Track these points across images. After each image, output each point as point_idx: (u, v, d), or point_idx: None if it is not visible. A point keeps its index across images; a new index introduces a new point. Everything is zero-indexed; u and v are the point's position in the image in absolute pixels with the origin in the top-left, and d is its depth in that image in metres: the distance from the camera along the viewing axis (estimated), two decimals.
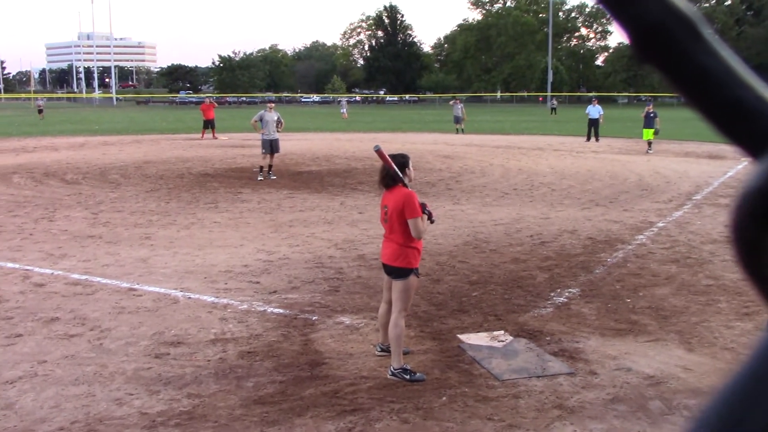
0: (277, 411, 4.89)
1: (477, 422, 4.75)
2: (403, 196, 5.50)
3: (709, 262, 9.19)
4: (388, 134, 36.11)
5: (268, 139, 17.64)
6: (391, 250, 5.60)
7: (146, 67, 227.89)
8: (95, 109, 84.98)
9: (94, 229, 11.44)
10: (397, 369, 5.47)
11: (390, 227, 5.60)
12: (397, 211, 5.50)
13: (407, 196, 5.49)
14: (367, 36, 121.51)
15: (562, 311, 7.21)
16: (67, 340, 6.30)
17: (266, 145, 17.70)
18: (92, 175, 18.75)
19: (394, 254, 5.56)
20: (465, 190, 15.90)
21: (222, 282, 8.25)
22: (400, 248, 5.53)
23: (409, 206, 5.45)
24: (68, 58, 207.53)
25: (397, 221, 5.52)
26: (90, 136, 34.25)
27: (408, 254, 5.53)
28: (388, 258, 5.61)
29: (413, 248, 5.55)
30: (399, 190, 5.57)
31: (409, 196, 5.49)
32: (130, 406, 4.98)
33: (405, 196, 5.50)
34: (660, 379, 5.46)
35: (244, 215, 12.77)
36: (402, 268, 5.53)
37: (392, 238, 5.59)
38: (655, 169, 19.99)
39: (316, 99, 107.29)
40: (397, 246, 5.55)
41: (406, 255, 5.52)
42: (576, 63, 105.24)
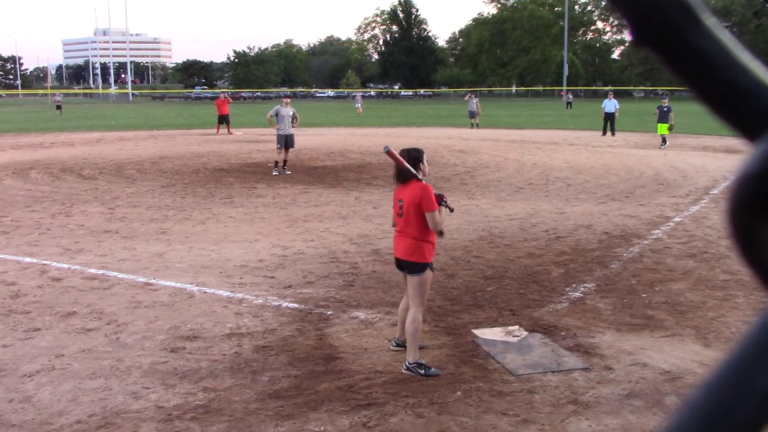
0: (292, 405, 4.91)
1: (492, 417, 4.74)
2: (419, 189, 5.48)
3: (726, 257, 9.12)
4: (402, 129, 36.09)
5: (283, 134, 17.76)
6: (406, 244, 5.57)
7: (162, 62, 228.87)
8: (111, 104, 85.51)
9: (110, 224, 11.51)
10: (412, 363, 5.47)
11: (405, 221, 5.57)
12: (414, 204, 5.48)
13: (424, 190, 5.47)
14: (382, 30, 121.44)
15: (578, 306, 7.18)
16: (84, 334, 6.35)
17: (281, 141, 17.82)
18: (108, 170, 18.87)
19: (409, 249, 5.54)
20: (480, 185, 15.86)
21: (237, 277, 8.28)
22: (415, 243, 5.51)
23: (426, 200, 5.44)
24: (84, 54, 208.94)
25: (414, 215, 5.49)
26: (106, 132, 34.47)
27: (423, 249, 5.51)
28: (403, 253, 5.59)
29: (428, 242, 5.54)
30: (415, 183, 5.55)
31: (426, 190, 5.47)
32: (147, 400, 5.02)
33: (422, 189, 5.47)
34: (676, 375, 5.43)
35: (259, 210, 12.81)
36: (417, 263, 5.52)
37: (407, 232, 5.56)
38: (672, 163, 19.85)
39: (330, 94, 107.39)
40: (412, 241, 5.52)
41: (421, 249, 5.50)
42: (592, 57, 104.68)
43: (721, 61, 0.34)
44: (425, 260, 5.53)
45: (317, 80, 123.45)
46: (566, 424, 4.64)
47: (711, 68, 0.33)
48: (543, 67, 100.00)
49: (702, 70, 0.33)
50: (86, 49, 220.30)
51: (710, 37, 0.34)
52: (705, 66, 0.33)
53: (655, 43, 0.33)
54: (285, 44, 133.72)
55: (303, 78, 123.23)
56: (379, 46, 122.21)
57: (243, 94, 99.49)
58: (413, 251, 5.51)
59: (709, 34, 0.34)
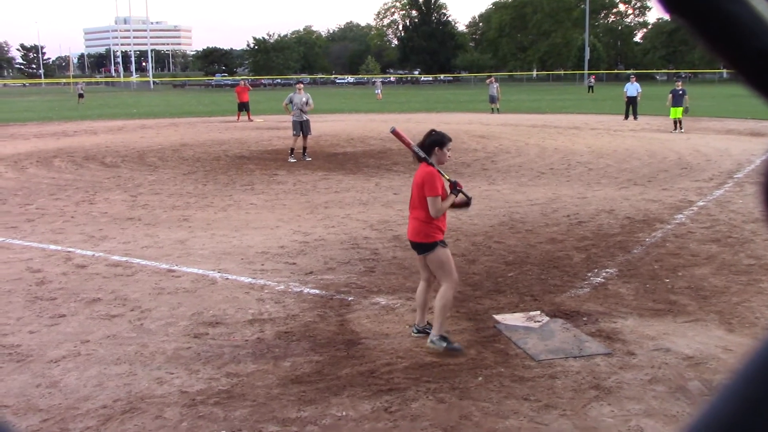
0: (314, 390, 4.94)
1: (513, 402, 4.74)
2: (424, 172, 5.54)
3: (750, 242, 9.02)
4: (422, 114, 35.97)
5: (297, 120, 17.86)
6: (412, 226, 5.67)
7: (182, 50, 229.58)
8: (133, 92, 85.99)
9: (133, 211, 11.61)
10: (436, 336, 5.50)
11: (412, 203, 5.68)
12: (418, 186, 5.55)
13: (428, 174, 5.50)
14: (401, 16, 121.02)
15: (600, 291, 7.15)
16: (108, 321, 6.42)
17: (296, 127, 17.94)
18: (131, 158, 19.01)
19: (415, 230, 5.62)
20: (500, 170, 15.79)
21: (259, 263, 8.33)
22: (420, 224, 5.56)
23: (428, 183, 5.46)
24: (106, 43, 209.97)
25: (417, 197, 5.57)
26: (128, 120, 34.70)
27: (429, 230, 5.54)
28: (411, 234, 5.69)
29: (433, 224, 5.55)
30: (424, 166, 5.59)
31: (430, 174, 5.49)
32: (171, 385, 5.07)
33: (426, 173, 5.52)
34: (699, 360, 5.40)
35: (280, 197, 12.85)
36: (423, 243, 5.56)
37: (413, 213, 5.64)
38: (695, 147, 19.63)
39: (350, 80, 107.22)
40: (417, 222, 5.58)
41: (426, 230, 5.54)
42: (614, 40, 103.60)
43: (753, 28, 0.32)
44: (431, 239, 5.55)
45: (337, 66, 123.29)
46: (588, 410, 4.63)
47: (743, 35, 0.32)
48: (564, 50, 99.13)
49: (734, 38, 0.32)
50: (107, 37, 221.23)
51: (741, 3, 0.33)
52: (736, 33, 0.32)
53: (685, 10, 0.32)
54: (304, 30, 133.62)
55: (323, 64, 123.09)
56: (399, 31, 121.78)
57: (263, 81, 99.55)
58: (419, 232, 5.59)
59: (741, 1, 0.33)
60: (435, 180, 5.48)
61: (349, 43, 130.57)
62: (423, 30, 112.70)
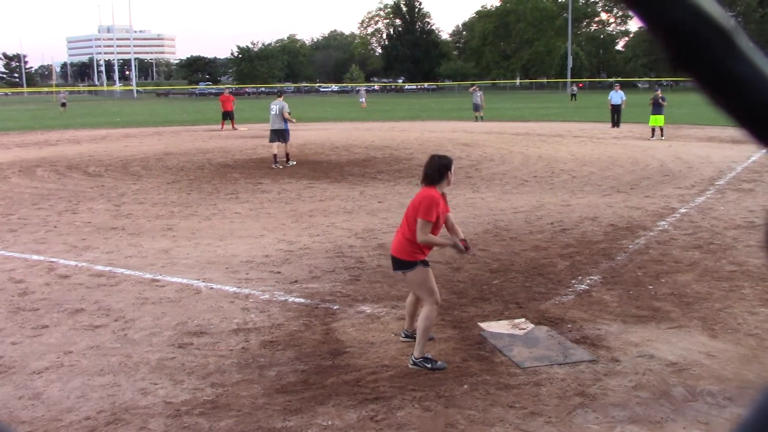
0: (300, 400, 4.93)
1: (499, 410, 4.75)
2: (425, 195, 5.45)
3: (732, 248, 9.10)
4: (406, 123, 36.04)
5: (271, 129, 18.74)
6: (397, 240, 5.62)
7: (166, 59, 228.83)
8: (116, 101, 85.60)
9: (116, 221, 11.55)
10: (419, 358, 5.48)
11: (404, 219, 5.60)
12: (414, 206, 5.49)
13: (428, 197, 5.42)
14: (385, 24, 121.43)
15: (584, 298, 7.18)
16: (92, 331, 6.38)
17: (271, 136, 18.76)
18: (114, 167, 18.91)
19: (399, 245, 5.56)
20: (485, 178, 15.85)
21: (243, 272, 8.30)
22: (405, 241, 5.51)
23: (425, 206, 5.38)
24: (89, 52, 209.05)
25: (411, 215, 5.50)
26: (111, 129, 34.53)
27: (412, 248, 5.48)
28: (394, 248, 5.63)
29: (417, 243, 5.48)
30: (427, 189, 5.52)
31: (430, 198, 5.41)
32: (155, 396, 5.04)
33: (427, 196, 5.44)
34: (683, 366, 5.43)
35: (265, 205, 12.83)
36: (402, 260, 5.51)
37: (402, 230, 5.59)
38: (677, 154, 19.80)
39: (334, 88, 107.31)
40: (403, 239, 5.53)
41: (410, 249, 5.49)
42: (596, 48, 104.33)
43: (757, 83, 0.34)
44: (412, 258, 5.49)
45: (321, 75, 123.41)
46: (573, 417, 4.65)
47: (748, 91, 0.34)
48: (547, 59, 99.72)
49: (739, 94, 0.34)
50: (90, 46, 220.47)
51: (746, 61, 0.34)
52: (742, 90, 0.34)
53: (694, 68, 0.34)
54: (288, 39, 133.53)
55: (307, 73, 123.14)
56: (383, 40, 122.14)
57: (247, 90, 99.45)
58: (402, 249, 5.52)
59: (746, 59, 0.34)
60: (433, 206, 5.39)
61: (333, 52, 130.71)
62: (407, 38, 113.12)
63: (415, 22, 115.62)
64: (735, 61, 0.34)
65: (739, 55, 0.34)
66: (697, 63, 0.34)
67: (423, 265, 5.53)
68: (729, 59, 0.34)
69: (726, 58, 0.34)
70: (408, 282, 5.68)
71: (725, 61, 0.34)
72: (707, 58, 0.34)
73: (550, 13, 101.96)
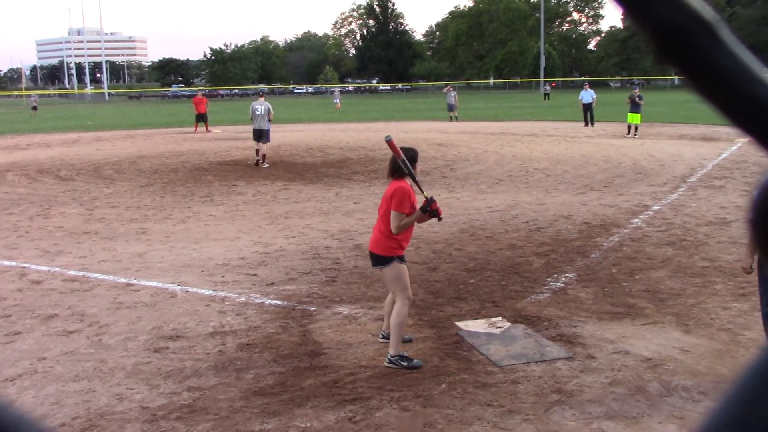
0: (278, 402, 4.91)
1: (477, 408, 4.77)
2: (397, 187, 5.51)
3: (704, 244, 9.22)
4: (381, 123, 36.05)
5: (255, 128, 19.02)
6: (374, 237, 5.66)
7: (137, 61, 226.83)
8: (87, 104, 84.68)
9: (89, 225, 11.42)
10: (394, 356, 5.50)
11: (379, 214, 5.64)
12: (386, 199, 5.53)
13: (400, 189, 5.49)
14: (359, 25, 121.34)
15: (559, 296, 7.23)
16: (66, 337, 6.30)
17: (255, 135, 19.03)
18: (86, 171, 18.71)
19: (376, 241, 5.61)
20: (460, 178, 15.90)
21: (219, 275, 8.26)
22: (382, 237, 5.55)
23: (396, 198, 5.44)
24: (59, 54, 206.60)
25: (384, 209, 5.55)
26: (83, 132, 34.13)
27: (389, 243, 5.52)
28: (371, 244, 5.68)
29: (393, 239, 5.53)
30: (397, 182, 5.57)
31: (402, 189, 5.48)
32: (131, 401, 5.00)
33: (398, 188, 5.50)
34: (658, 362, 5.49)
35: (240, 208, 12.76)
36: (381, 255, 5.54)
37: (378, 226, 5.63)
38: (649, 152, 20.01)
39: (308, 90, 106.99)
40: (380, 234, 5.57)
41: (387, 244, 5.53)
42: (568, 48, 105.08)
43: (741, 76, 0.36)
44: (389, 253, 5.53)
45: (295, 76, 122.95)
46: (550, 414, 4.68)
47: (732, 83, 0.35)
48: (520, 59, 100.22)
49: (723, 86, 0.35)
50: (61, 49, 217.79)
51: (730, 53, 0.36)
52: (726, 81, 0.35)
53: (679, 61, 0.35)
54: (261, 40, 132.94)
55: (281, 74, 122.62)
56: (357, 40, 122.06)
57: (221, 92, 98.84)
58: (378, 244, 5.57)
59: (729, 51, 0.36)
60: (405, 197, 5.45)
61: (307, 53, 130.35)
62: (380, 39, 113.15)
63: (388, 23, 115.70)
64: (719, 54, 0.35)
65: (722, 47, 0.35)
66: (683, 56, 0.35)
67: (399, 261, 5.58)
68: (713, 51, 0.35)
69: (710, 50, 0.35)
70: (383, 277, 5.70)
71: (710, 53, 0.35)
72: (693, 50, 0.35)
73: (523, 13, 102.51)
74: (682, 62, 0.35)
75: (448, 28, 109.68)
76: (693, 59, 0.35)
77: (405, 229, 5.53)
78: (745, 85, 0.35)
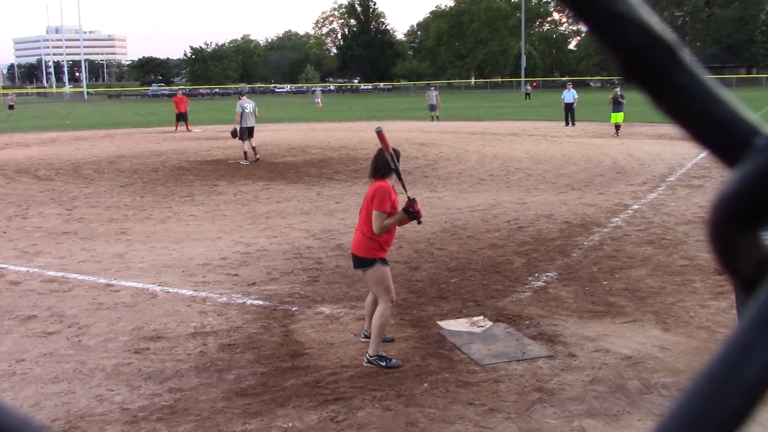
0: (259, 402, 4.90)
1: (458, 407, 4.78)
2: (378, 187, 5.52)
3: (683, 243, 9.31)
4: (363, 123, 36.04)
5: (246, 126, 19.47)
6: (356, 238, 5.65)
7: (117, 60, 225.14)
8: (66, 103, 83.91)
9: (68, 225, 11.33)
10: (373, 356, 5.50)
11: (360, 216, 5.64)
12: (368, 200, 5.53)
13: (380, 188, 5.49)
14: (340, 24, 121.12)
15: (540, 295, 7.27)
16: (45, 338, 6.25)
17: (247, 133, 19.47)
18: (65, 170, 18.54)
19: (357, 243, 5.60)
20: (441, 177, 15.93)
21: (200, 275, 8.22)
22: (364, 238, 5.54)
23: (378, 197, 5.44)
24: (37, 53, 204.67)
25: (365, 210, 5.55)
26: (61, 132, 33.82)
27: (371, 245, 5.51)
28: (353, 246, 5.66)
29: (375, 240, 5.52)
30: (377, 182, 5.57)
31: (382, 188, 5.48)
32: (111, 402, 4.96)
33: (378, 187, 5.50)
34: (638, 360, 5.54)
35: (221, 207, 12.71)
36: (363, 257, 5.53)
37: (360, 227, 5.62)
38: (629, 152, 20.16)
39: (290, 89, 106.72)
40: (362, 236, 5.56)
41: (369, 245, 5.52)
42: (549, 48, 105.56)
43: (700, 94, 0.37)
44: (371, 255, 5.52)
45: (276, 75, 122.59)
46: (532, 412, 4.70)
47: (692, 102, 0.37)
48: (501, 58, 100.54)
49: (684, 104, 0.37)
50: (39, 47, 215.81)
51: (690, 73, 0.38)
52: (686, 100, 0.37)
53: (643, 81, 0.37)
54: (242, 40, 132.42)
55: (262, 73, 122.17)
56: (338, 40, 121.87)
57: (201, 91, 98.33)
58: (360, 246, 5.56)
59: (690, 72, 0.38)
60: (386, 196, 5.45)
61: (288, 52, 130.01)
62: (362, 39, 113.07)
63: (369, 22, 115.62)
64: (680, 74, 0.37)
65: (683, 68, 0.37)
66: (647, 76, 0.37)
67: (382, 263, 5.56)
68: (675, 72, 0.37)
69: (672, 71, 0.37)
70: (366, 280, 5.70)
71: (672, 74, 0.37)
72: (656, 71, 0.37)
73: (504, 13, 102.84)
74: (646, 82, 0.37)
75: (430, 28, 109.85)
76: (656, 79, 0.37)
77: (387, 230, 5.53)
78: (704, 103, 0.37)
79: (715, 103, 0.37)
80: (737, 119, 0.38)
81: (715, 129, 0.37)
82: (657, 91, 0.37)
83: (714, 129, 0.38)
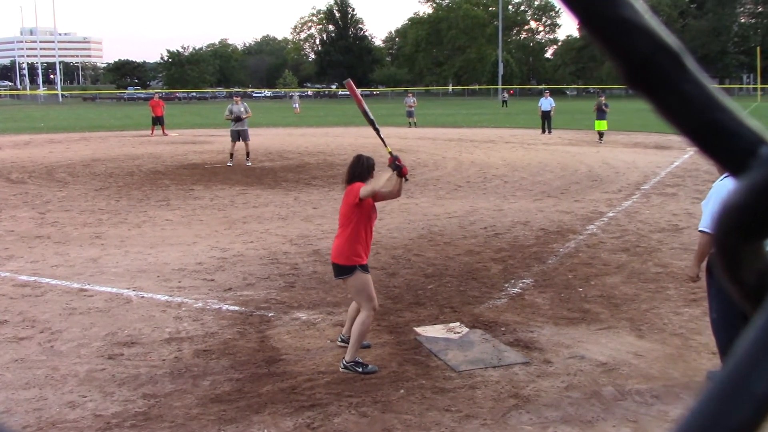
0: (235, 409, 4.87)
1: (435, 414, 4.78)
2: (348, 190, 5.57)
3: (657, 250, 9.40)
4: (340, 128, 36.03)
5: (238, 129, 20.10)
6: (335, 245, 5.64)
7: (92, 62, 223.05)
8: (40, 106, 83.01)
9: (41, 229, 11.19)
10: (350, 362, 5.49)
11: (339, 222, 5.65)
12: (342, 205, 5.57)
13: (350, 187, 5.55)
14: (318, 30, 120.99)
15: (516, 302, 7.30)
16: (16, 343, 6.16)
17: (240, 135, 20.13)
18: (38, 174, 18.32)
19: (337, 250, 5.58)
20: (418, 184, 15.96)
21: (175, 280, 8.15)
22: (343, 244, 5.53)
23: (350, 194, 5.50)
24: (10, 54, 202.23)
25: (343, 214, 5.58)
26: (35, 134, 33.44)
27: (350, 252, 5.50)
28: (333, 255, 5.63)
29: (353, 247, 5.51)
30: (350, 185, 5.59)
31: (351, 187, 5.54)
32: (84, 409, 4.90)
33: (349, 188, 5.56)
34: (612, 366, 5.58)
35: (197, 212, 12.63)
36: (344, 265, 5.52)
37: (339, 232, 5.63)
38: (605, 159, 20.34)
39: (267, 94, 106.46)
40: (341, 242, 5.56)
41: (348, 252, 5.51)
42: (526, 56, 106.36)
43: (705, 103, 0.37)
44: (351, 263, 5.51)
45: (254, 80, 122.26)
46: (508, 418, 4.71)
47: (697, 111, 0.37)
48: (479, 66, 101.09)
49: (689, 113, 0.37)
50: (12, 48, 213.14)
51: (695, 81, 0.37)
52: (691, 109, 0.37)
53: (648, 89, 0.37)
54: (220, 44, 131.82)
55: (239, 78, 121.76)
56: (316, 45, 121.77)
57: (178, 95, 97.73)
58: (340, 253, 5.55)
59: (695, 80, 0.37)
60: (354, 189, 5.51)
61: (266, 57, 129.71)
62: (340, 44, 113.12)
63: (348, 28, 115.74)
64: (685, 82, 0.37)
65: (688, 75, 0.37)
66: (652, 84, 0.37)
67: (362, 271, 5.54)
68: (680, 80, 0.37)
69: (677, 78, 0.37)
70: (348, 288, 5.69)
71: (676, 81, 0.37)
72: (661, 79, 0.37)
73: (481, 20, 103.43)
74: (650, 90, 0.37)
75: (408, 35, 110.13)
76: (661, 87, 0.37)
77: (377, 192, 5.52)
78: (709, 112, 0.37)
79: (720, 112, 0.37)
80: (742, 128, 0.37)
81: (721, 138, 0.37)
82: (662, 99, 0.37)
83: (719, 138, 0.37)
